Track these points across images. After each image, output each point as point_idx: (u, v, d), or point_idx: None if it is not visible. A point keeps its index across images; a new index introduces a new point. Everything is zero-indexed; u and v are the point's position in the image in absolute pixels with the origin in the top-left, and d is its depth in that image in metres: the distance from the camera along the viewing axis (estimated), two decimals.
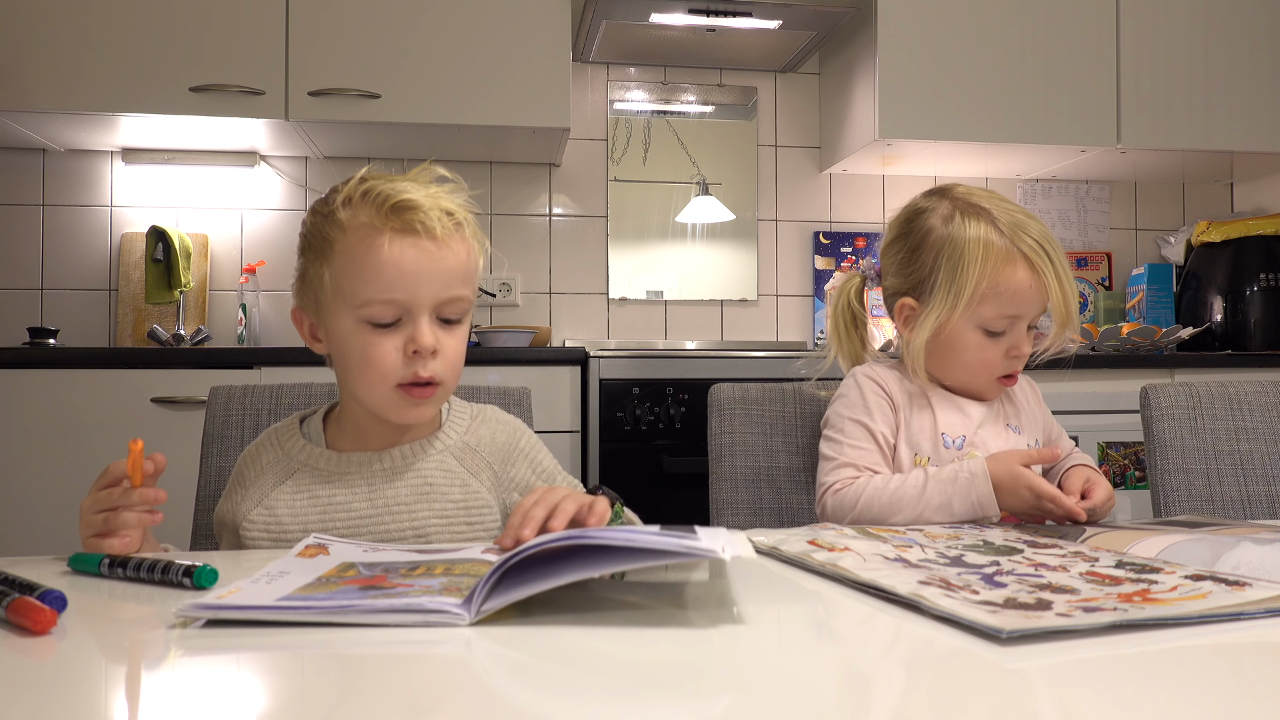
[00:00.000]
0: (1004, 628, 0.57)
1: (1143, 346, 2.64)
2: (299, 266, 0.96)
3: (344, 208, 0.90)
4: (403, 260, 0.88)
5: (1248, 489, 1.33)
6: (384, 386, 0.92)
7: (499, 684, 0.54)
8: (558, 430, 2.28)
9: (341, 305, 0.91)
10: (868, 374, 1.15)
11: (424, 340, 0.90)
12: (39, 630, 0.60)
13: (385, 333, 0.90)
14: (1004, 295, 1.07)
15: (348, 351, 0.92)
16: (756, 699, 0.51)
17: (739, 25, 2.61)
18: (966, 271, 1.07)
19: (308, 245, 0.94)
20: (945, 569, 0.75)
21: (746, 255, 3.02)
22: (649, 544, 0.64)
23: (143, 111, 2.35)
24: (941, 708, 0.49)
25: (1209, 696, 0.50)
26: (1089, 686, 0.52)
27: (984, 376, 1.12)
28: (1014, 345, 1.09)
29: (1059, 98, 2.67)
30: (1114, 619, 0.59)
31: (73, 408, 2.11)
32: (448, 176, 0.95)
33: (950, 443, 1.10)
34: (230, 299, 2.77)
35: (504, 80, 2.47)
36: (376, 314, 0.90)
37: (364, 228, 0.89)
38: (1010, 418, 1.16)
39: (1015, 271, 1.06)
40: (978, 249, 1.07)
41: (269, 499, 0.95)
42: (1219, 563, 0.76)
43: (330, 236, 0.90)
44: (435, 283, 0.90)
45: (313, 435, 1.00)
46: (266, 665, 0.57)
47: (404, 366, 0.91)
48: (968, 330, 1.09)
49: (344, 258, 0.90)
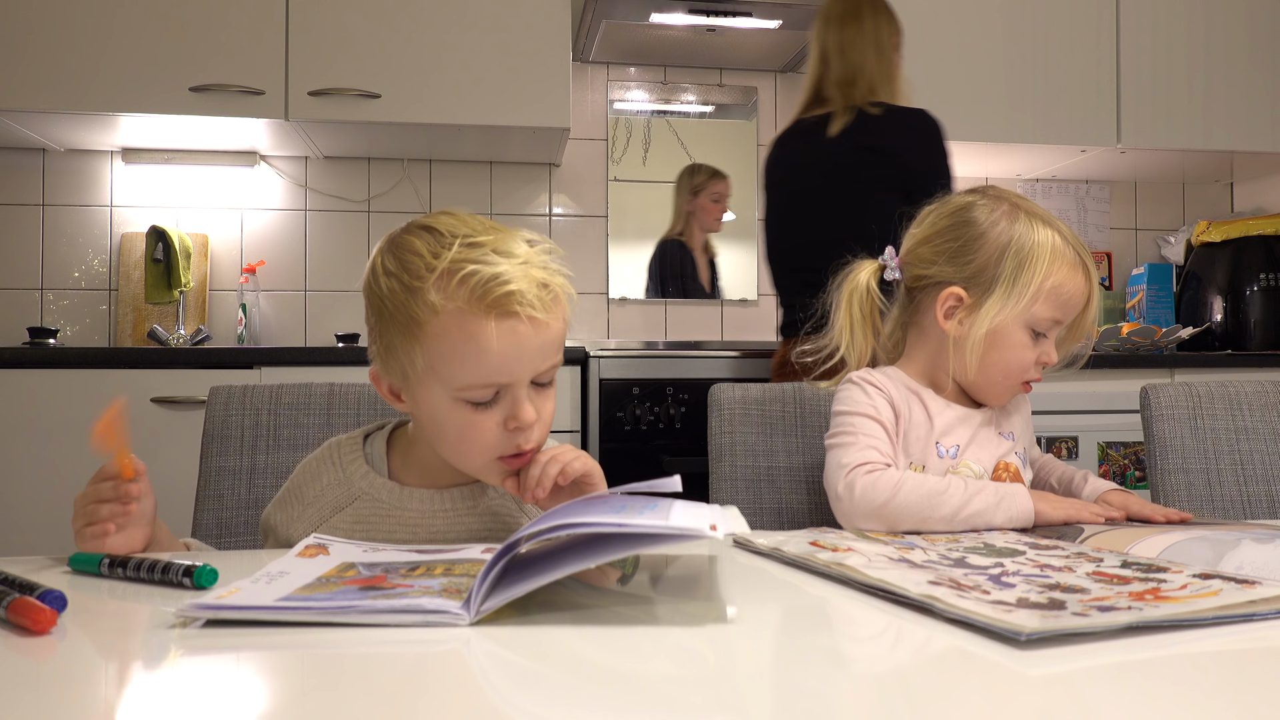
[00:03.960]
0: (1023, 629, 0.55)
1: (1143, 346, 2.64)
2: (378, 334, 0.90)
3: (436, 291, 0.83)
4: (504, 347, 0.84)
5: (1248, 489, 1.33)
6: (483, 459, 0.89)
7: (498, 686, 0.54)
8: (558, 430, 2.28)
9: (435, 383, 0.86)
10: (866, 379, 1.14)
11: (526, 417, 0.86)
12: (39, 630, 0.60)
13: (484, 410, 0.87)
14: (1061, 299, 1.08)
15: (443, 425, 0.88)
16: (760, 706, 0.51)
17: (739, 25, 2.61)
18: (1034, 269, 1.08)
19: (389, 317, 0.87)
20: (952, 569, 0.75)
21: (746, 255, 3.02)
22: (642, 529, 0.63)
23: (143, 111, 2.35)
24: (966, 717, 0.49)
25: (1231, 702, 0.50)
26: (1113, 691, 0.51)
27: (1015, 378, 1.11)
28: (1045, 352, 1.10)
29: (1059, 98, 2.67)
30: (1131, 619, 0.58)
31: (73, 408, 2.10)
32: (535, 239, 0.90)
33: (944, 452, 1.10)
34: (230, 299, 2.77)
35: (504, 80, 2.47)
36: (476, 396, 0.86)
37: (460, 313, 0.83)
38: (1002, 425, 1.15)
39: (1077, 277, 1.09)
40: (1047, 249, 1.08)
41: (327, 525, 0.93)
42: (1222, 563, 0.76)
43: (420, 318, 0.84)
44: (536, 358, 0.86)
45: (375, 459, 0.96)
46: (266, 665, 0.57)
47: (505, 441, 0.88)
48: (1017, 329, 1.09)
49: (439, 341, 0.84)
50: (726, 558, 0.85)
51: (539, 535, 0.65)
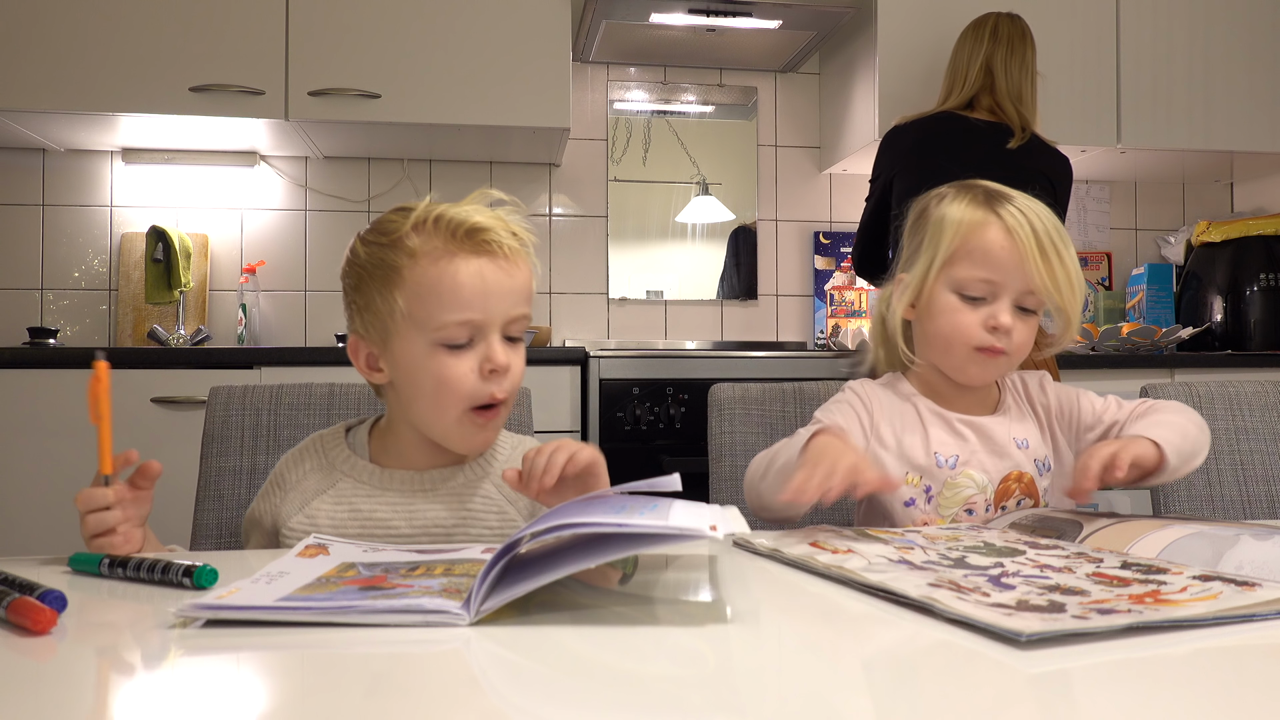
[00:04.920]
0: (1023, 631, 0.56)
1: (1143, 346, 2.64)
2: (356, 299, 0.96)
3: (415, 234, 0.92)
4: (477, 280, 0.91)
5: (1248, 489, 1.33)
6: (458, 408, 0.93)
7: (498, 686, 0.54)
8: (558, 430, 2.28)
9: (413, 330, 0.92)
10: (856, 389, 1.15)
11: (499, 358, 0.92)
12: (39, 630, 0.60)
13: (459, 354, 0.92)
14: (975, 254, 1.06)
15: (419, 377, 0.93)
16: (760, 706, 0.51)
17: (739, 25, 2.61)
18: (943, 230, 1.09)
19: (367, 275, 0.94)
20: (951, 570, 0.74)
21: (747, 255, 3.02)
22: (642, 529, 0.63)
23: (143, 111, 2.35)
24: (904, 709, 0.49)
25: (1230, 701, 0.50)
26: (1112, 691, 0.51)
27: (960, 345, 1.08)
28: (991, 315, 1.07)
29: (1059, 98, 2.67)
30: (1130, 621, 0.59)
31: (73, 408, 2.10)
32: (504, 199, 0.97)
33: (943, 462, 1.09)
34: (230, 299, 2.77)
35: (504, 80, 2.47)
36: (452, 335, 0.91)
37: (436, 252, 0.91)
38: (1015, 433, 1.12)
39: (987, 231, 1.06)
40: (958, 214, 1.09)
41: (310, 506, 0.96)
42: (1221, 562, 0.76)
43: (397, 263, 0.92)
44: (506, 300, 0.92)
45: (357, 447, 1.00)
46: (266, 665, 0.57)
47: (479, 386, 0.92)
48: (943, 292, 1.09)
49: (416, 283, 0.91)
50: (726, 558, 0.85)
51: (539, 535, 0.65)
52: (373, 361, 0.97)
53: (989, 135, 2.11)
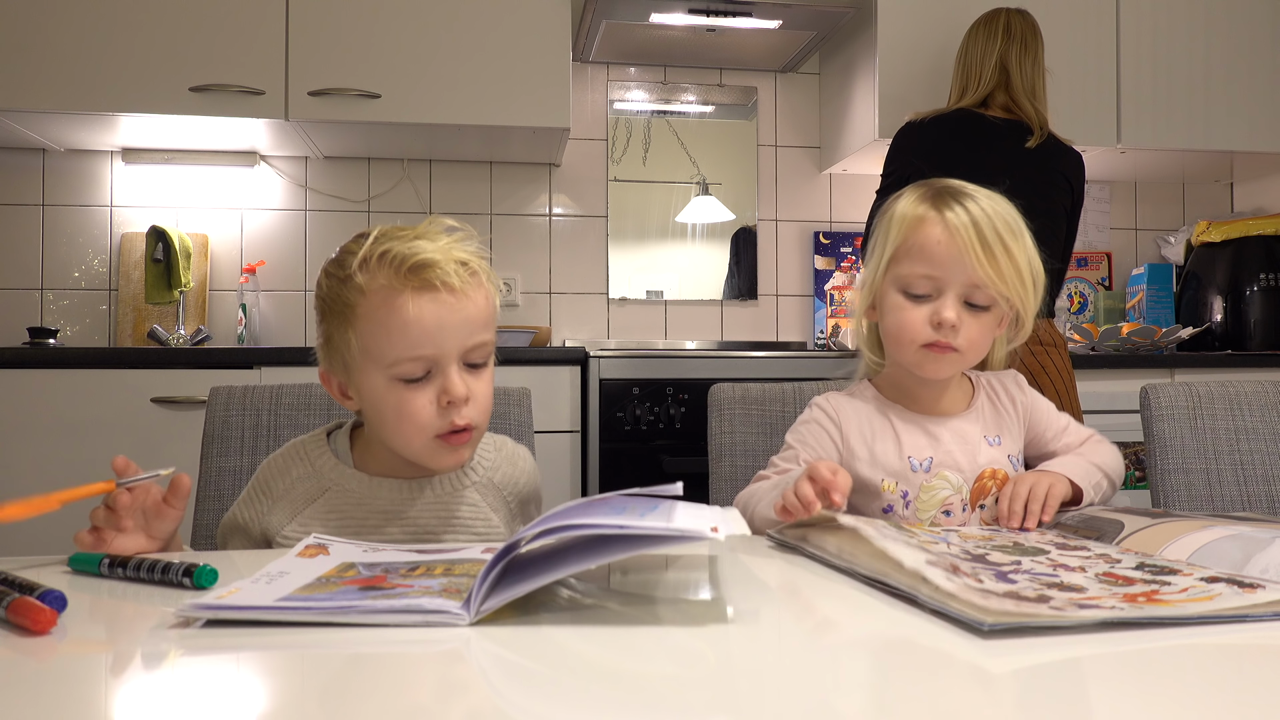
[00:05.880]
0: (985, 620, 0.57)
1: (1143, 346, 2.64)
2: (322, 331, 0.97)
3: (361, 271, 0.91)
4: (425, 317, 0.90)
5: (1248, 489, 1.33)
6: (422, 438, 0.93)
7: (498, 686, 0.54)
8: (558, 430, 2.28)
9: (370, 365, 0.92)
10: (821, 404, 1.15)
11: (456, 391, 0.91)
12: (39, 630, 0.60)
13: (417, 387, 0.92)
14: (914, 251, 1.07)
15: (382, 409, 0.93)
16: (760, 706, 0.51)
17: (739, 25, 2.61)
18: (888, 228, 1.10)
19: (328, 309, 0.95)
20: (960, 560, 0.74)
21: (747, 255, 3.02)
22: (643, 530, 0.63)
23: (143, 111, 2.35)
24: (903, 709, 0.49)
25: (1201, 696, 0.50)
26: (1071, 686, 0.52)
27: (908, 343, 1.08)
28: (935, 311, 1.06)
29: (1059, 98, 2.67)
30: (1105, 616, 0.59)
31: (73, 408, 2.10)
32: (456, 226, 0.97)
33: (917, 465, 1.09)
34: (230, 299, 2.77)
35: (504, 80, 2.47)
36: (406, 371, 0.91)
37: (384, 290, 0.90)
38: (988, 430, 1.13)
39: (925, 228, 1.07)
40: (901, 211, 1.10)
41: (303, 516, 0.96)
42: (1249, 565, 0.74)
43: (350, 301, 0.92)
44: (459, 333, 0.91)
45: (341, 454, 1.00)
46: (266, 665, 0.57)
47: (439, 418, 0.92)
48: (890, 292, 1.10)
49: (367, 320, 0.91)
50: (727, 558, 0.85)
51: (539, 535, 0.65)
52: (344, 390, 0.97)
53: (1008, 133, 2.10)
